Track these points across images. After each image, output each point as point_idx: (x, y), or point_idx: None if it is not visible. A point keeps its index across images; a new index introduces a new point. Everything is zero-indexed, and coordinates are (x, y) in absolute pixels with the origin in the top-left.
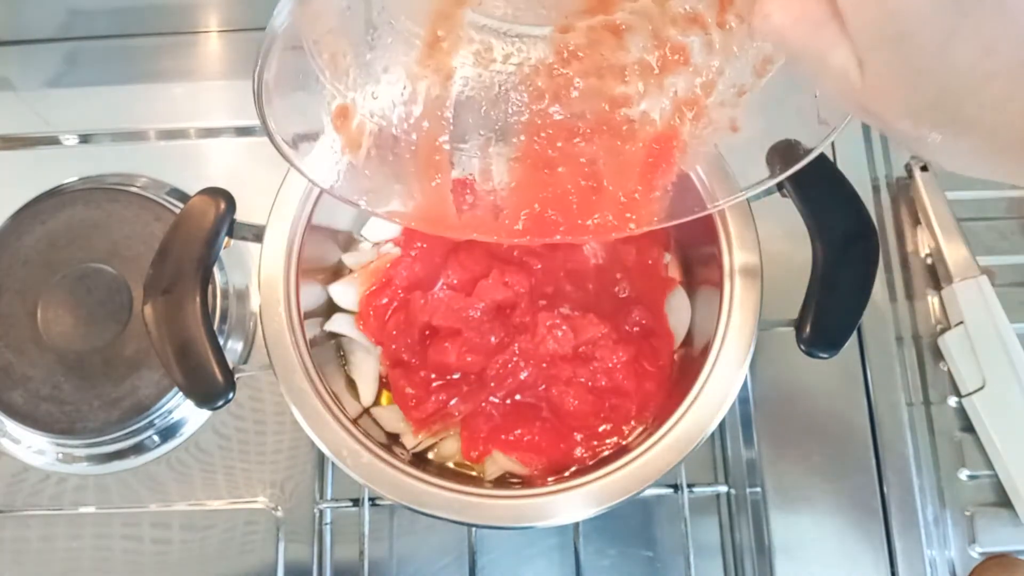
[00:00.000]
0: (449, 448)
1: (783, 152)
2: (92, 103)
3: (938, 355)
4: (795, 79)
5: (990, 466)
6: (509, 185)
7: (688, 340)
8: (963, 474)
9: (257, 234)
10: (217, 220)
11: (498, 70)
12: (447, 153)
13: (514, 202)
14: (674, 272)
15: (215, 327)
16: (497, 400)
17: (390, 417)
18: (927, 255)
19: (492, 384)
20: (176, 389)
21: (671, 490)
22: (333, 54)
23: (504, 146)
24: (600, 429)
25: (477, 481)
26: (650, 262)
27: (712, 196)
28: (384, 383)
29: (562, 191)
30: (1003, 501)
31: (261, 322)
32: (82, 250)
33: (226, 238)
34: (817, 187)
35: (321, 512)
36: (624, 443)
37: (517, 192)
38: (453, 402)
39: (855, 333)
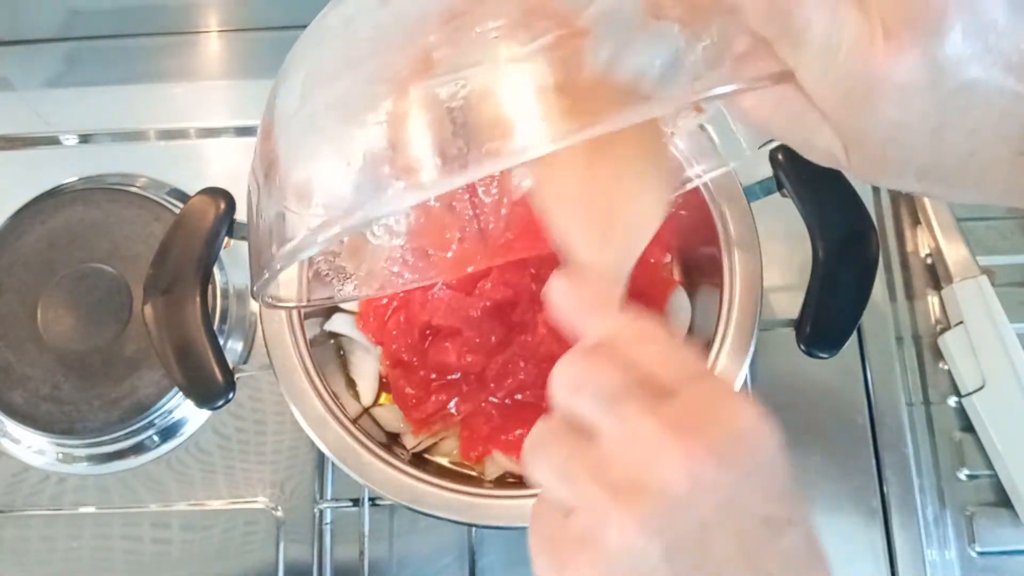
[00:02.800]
0: (448, 447)
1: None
2: (92, 103)
3: (938, 355)
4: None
5: (990, 466)
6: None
7: (688, 340)
8: (963, 474)
9: None
10: (217, 220)
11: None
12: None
13: (498, 223)
14: (674, 273)
15: (215, 327)
16: (497, 400)
17: (390, 417)
18: (927, 255)
19: (492, 384)
20: (176, 389)
21: None
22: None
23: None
24: None
25: (477, 481)
26: (651, 261)
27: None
28: (384, 383)
29: None
30: (1003, 501)
31: (261, 322)
32: (82, 250)
33: (226, 238)
34: (817, 187)
35: (321, 512)
36: None
37: (496, 211)
38: (453, 402)
39: (855, 333)
